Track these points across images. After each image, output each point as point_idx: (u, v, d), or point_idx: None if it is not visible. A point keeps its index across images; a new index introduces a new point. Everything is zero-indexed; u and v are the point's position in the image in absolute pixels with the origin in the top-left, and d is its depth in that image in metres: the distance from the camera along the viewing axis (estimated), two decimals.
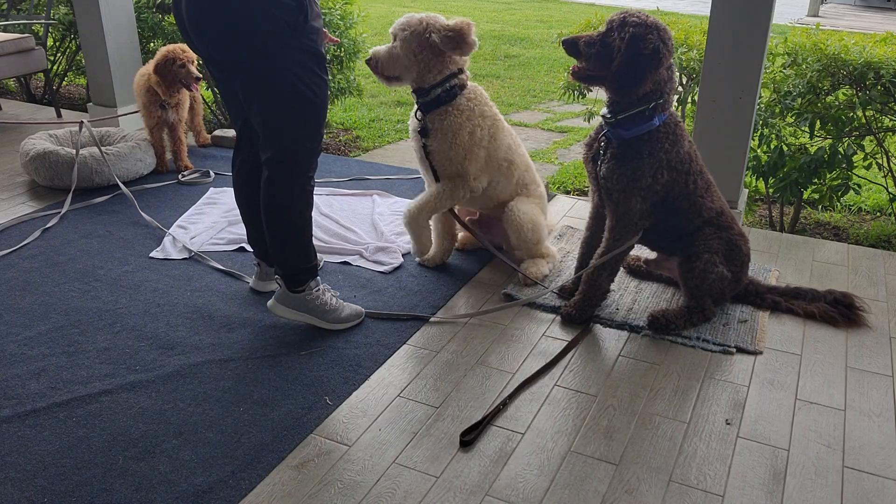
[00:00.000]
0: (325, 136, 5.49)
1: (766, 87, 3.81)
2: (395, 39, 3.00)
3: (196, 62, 4.05)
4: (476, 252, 3.44)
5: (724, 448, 2.27)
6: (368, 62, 3.06)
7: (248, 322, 2.84)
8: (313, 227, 3.56)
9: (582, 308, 2.87)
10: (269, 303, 2.76)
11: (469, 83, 3.09)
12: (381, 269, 3.24)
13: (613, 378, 2.58)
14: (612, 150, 2.70)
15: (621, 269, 3.26)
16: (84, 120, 4.16)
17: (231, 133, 4.74)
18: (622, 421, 2.37)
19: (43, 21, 5.16)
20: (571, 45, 2.63)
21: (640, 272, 3.23)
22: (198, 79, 4.01)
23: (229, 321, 2.83)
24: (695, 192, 2.75)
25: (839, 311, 2.89)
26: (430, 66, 2.98)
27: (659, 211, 2.78)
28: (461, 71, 3.05)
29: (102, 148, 3.99)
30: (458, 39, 2.90)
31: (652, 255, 3.19)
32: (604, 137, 2.73)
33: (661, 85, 2.59)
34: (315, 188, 4.05)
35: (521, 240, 3.14)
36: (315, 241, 3.44)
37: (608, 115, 2.68)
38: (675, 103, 4.25)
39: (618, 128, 2.66)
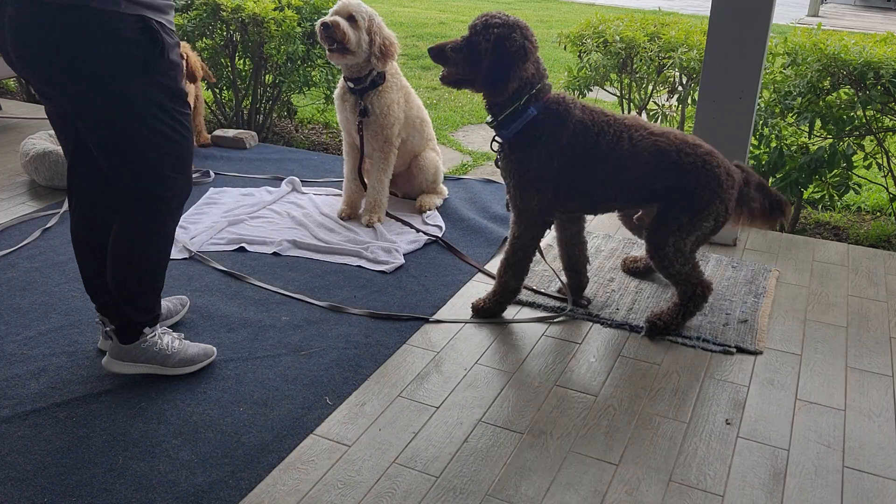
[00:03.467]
0: (325, 136, 5.49)
1: (766, 87, 3.81)
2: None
3: (197, 59, 4.05)
4: (476, 254, 3.45)
5: (724, 448, 2.27)
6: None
7: (248, 322, 2.83)
8: (314, 227, 3.59)
9: (492, 303, 2.91)
10: (104, 360, 2.48)
11: None
12: (382, 268, 3.24)
13: (613, 378, 2.58)
14: (504, 150, 2.75)
15: (621, 269, 3.26)
16: None
17: (232, 133, 4.74)
18: (622, 421, 2.37)
19: None
20: (439, 53, 2.70)
21: (639, 272, 3.23)
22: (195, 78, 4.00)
23: (229, 321, 2.83)
24: (602, 152, 2.67)
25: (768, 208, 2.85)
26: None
27: (581, 188, 2.73)
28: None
29: None
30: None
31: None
32: (497, 143, 2.78)
33: (529, 79, 2.65)
34: (315, 188, 4.09)
35: (428, 181, 3.85)
36: (315, 241, 3.46)
37: (490, 120, 2.75)
38: (676, 103, 4.25)
39: (501, 129, 2.72)
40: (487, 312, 2.92)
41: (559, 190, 2.73)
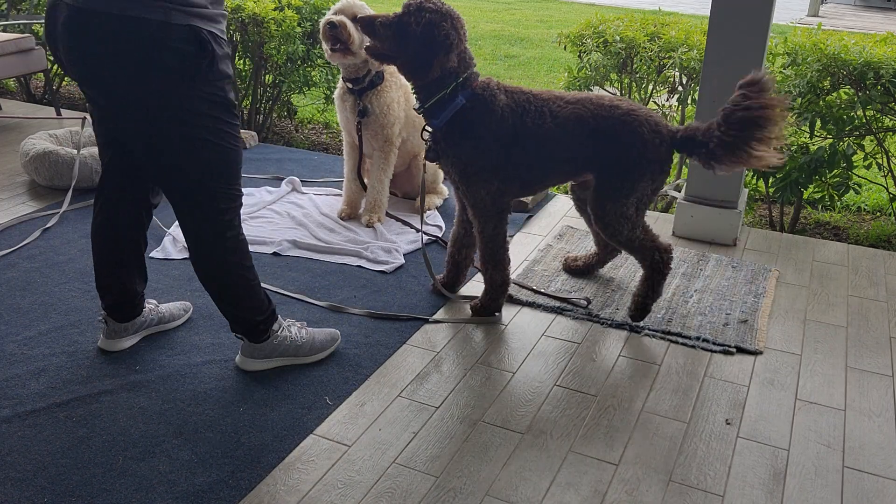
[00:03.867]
0: (325, 136, 5.50)
1: None
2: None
3: None
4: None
5: (724, 448, 2.27)
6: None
7: None
8: (314, 227, 3.59)
9: (486, 301, 2.91)
10: (238, 359, 2.57)
11: None
12: (382, 268, 3.24)
13: (613, 378, 2.58)
14: (438, 146, 2.74)
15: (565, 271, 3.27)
16: (87, 116, 4.16)
17: None
18: (622, 421, 2.37)
19: (43, 21, 5.16)
20: (368, 24, 2.67)
21: (579, 270, 3.23)
22: None
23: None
24: (530, 130, 2.67)
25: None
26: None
27: (519, 171, 2.73)
28: None
29: None
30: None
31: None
32: (427, 132, 2.77)
33: (454, 69, 2.64)
34: (315, 188, 4.09)
35: (427, 181, 3.82)
36: (315, 241, 3.46)
37: (417, 107, 2.74)
38: (676, 103, 4.25)
39: (431, 118, 2.70)
40: (485, 311, 2.92)
41: (501, 176, 2.72)
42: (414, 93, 2.74)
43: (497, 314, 2.93)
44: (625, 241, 2.74)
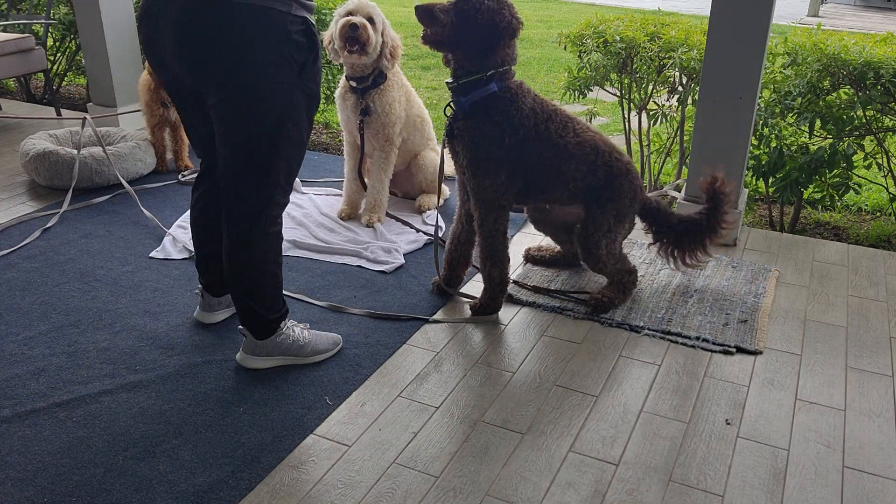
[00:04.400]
0: (325, 136, 5.50)
1: (766, 87, 3.81)
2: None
3: None
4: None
5: (724, 448, 2.27)
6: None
7: None
8: (314, 227, 3.59)
9: (486, 301, 2.93)
10: (238, 356, 2.56)
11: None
12: (382, 268, 3.24)
13: (613, 378, 2.58)
14: (458, 124, 2.77)
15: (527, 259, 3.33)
16: (87, 116, 4.16)
17: None
18: (622, 421, 2.37)
19: (43, 21, 5.16)
20: (426, 13, 2.68)
21: (544, 261, 3.30)
22: None
23: (229, 321, 2.83)
24: (550, 138, 2.78)
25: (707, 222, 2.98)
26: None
27: (525, 172, 2.81)
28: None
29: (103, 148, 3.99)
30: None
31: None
32: (451, 108, 2.81)
33: (505, 58, 2.70)
34: (315, 188, 4.09)
35: (427, 180, 3.84)
36: (315, 241, 3.46)
37: (450, 81, 2.77)
38: (676, 103, 4.25)
39: (458, 94, 2.74)
40: (485, 310, 2.92)
41: (507, 170, 2.76)
42: (452, 71, 2.76)
43: (496, 314, 2.93)
44: (607, 272, 2.96)
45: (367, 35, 3.33)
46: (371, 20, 3.38)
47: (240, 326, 2.53)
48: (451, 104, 2.80)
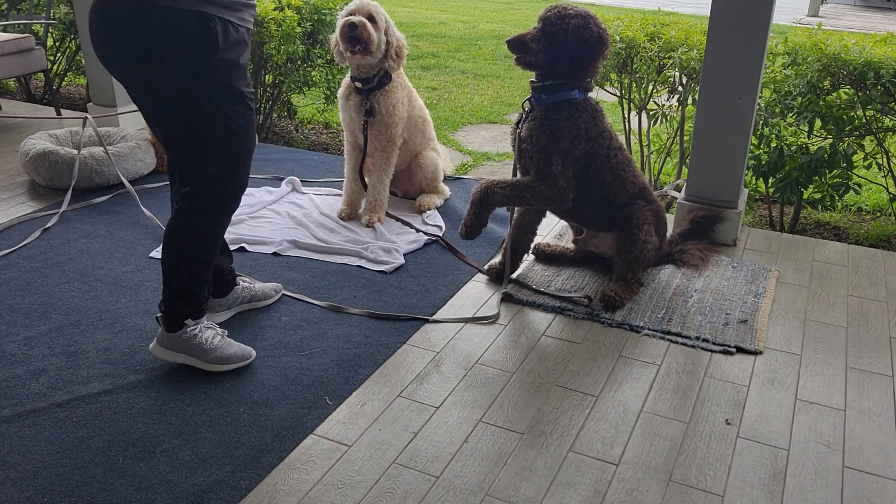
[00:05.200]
0: (325, 136, 5.49)
1: (766, 87, 3.81)
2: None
3: None
4: (477, 254, 3.45)
5: (724, 448, 2.27)
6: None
7: (248, 322, 2.83)
8: (314, 227, 3.59)
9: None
10: (151, 345, 2.55)
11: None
12: (382, 268, 3.24)
13: (613, 378, 2.58)
14: (534, 113, 2.89)
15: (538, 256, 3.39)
16: (88, 116, 4.16)
17: None
18: (622, 421, 2.37)
19: (43, 21, 5.16)
20: (518, 43, 2.89)
21: (553, 256, 3.35)
22: None
23: (229, 321, 2.83)
24: (616, 165, 2.96)
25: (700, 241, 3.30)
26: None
27: (584, 182, 2.94)
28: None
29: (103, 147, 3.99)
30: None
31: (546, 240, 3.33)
32: (527, 103, 2.93)
33: (594, 70, 2.88)
34: (315, 188, 4.09)
35: (427, 180, 3.85)
36: (315, 241, 3.46)
37: (536, 81, 2.92)
38: (676, 103, 4.25)
39: (541, 93, 2.89)
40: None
41: (575, 172, 2.89)
42: (538, 75, 2.90)
43: (496, 314, 2.94)
44: (641, 260, 3.04)
45: (368, 34, 3.33)
46: (372, 19, 3.37)
47: (157, 315, 2.54)
48: (530, 100, 2.91)
